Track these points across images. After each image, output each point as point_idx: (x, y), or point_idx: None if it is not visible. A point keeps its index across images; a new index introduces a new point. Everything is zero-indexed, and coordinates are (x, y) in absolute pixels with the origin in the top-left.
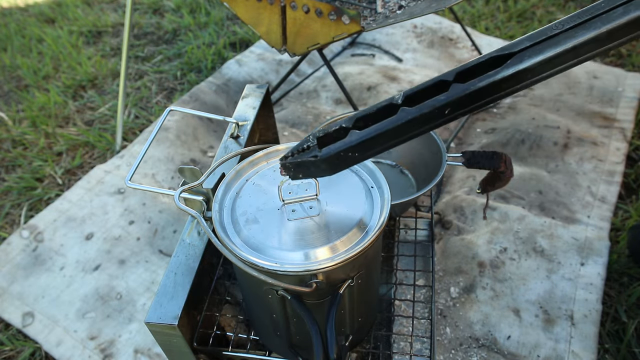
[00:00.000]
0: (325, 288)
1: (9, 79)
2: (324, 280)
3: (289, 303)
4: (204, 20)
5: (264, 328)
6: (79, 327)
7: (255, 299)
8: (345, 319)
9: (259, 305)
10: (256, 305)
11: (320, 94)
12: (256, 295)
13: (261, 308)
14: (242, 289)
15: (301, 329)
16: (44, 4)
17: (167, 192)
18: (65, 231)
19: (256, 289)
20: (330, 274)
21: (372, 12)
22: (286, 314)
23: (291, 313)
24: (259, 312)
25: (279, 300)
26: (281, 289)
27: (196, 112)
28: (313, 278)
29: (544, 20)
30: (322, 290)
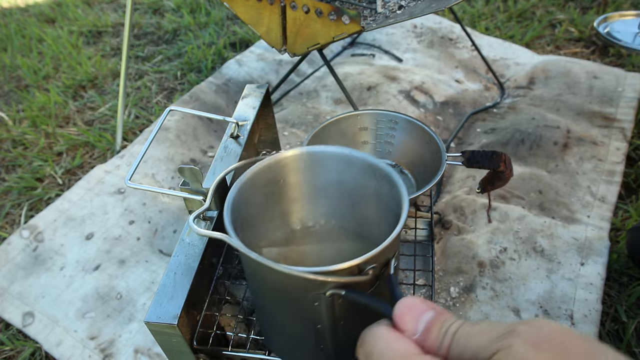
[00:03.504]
0: (377, 274)
1: (9, 79)
2: (377, 265)
3: (339, 303)
4: (204, 20)
5: (304, 348)
6: (79, 327)
7: (293, 318)
8: None
9: (299, 321)
10: (295, 325)
11: (320, 94)
12: (295, 312)
13: (301, 324)
14: (271, 317)
15: (349, 330)
16: (44, 4)
17: (168, 192)
18: (66, 231)
19: (296, 303)
20: (380, 255)
21: (372, 12)
22: (334, 318)
23: (339, 314)
24: (298, 332)
25: (328, 304)
26: (332, 287)
27: (196, 112)
28: (368, 265)
29: (544, 20)
30: (373, 278)
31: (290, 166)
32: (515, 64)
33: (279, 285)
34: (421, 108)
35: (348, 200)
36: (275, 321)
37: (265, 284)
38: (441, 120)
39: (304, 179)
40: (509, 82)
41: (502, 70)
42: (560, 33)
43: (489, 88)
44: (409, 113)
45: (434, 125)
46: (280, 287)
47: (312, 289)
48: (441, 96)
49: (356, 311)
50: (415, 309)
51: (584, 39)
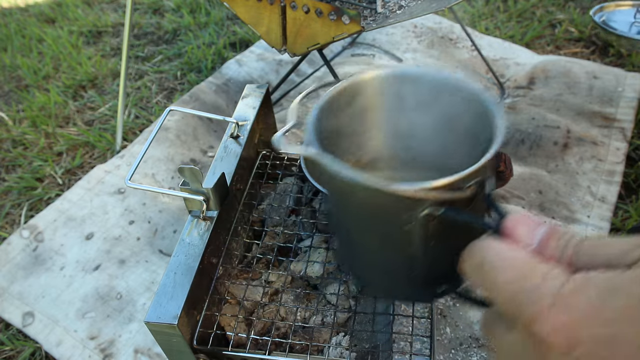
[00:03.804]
0: (475, 192)
1: (9, 79)
2: (476, 183)
3: (433, 224)
4: (204, 20)
5: (393, 278)
6: (79, 326)
7: (382, 245)
8: None
9: (389, 247)
10: (384, 252)
11: (321, 94)
12: (385, 237)
13: (391, 251)
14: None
15: (442, 253)
16: (44, 4)
17: (168, 192)
18: (66, 231)
19: (387, 227)
20: (480, 172)
21: (372, 12)
22: (427, 241)
23: (433, 236)
24: (387, 260)
25: (422, 225)
26: (428, 206)
27: (196, 112)
28: (467, 182)
29: (544, 20)
30: (471, 196)
31: (369, 89)
32: (515, 64)
33: (370, 208)
34: None
35: (430, 127)
36: (361, 251)
37: (353, 208)
38: None
39: (383, 104)
40: (509, 82)
41: (502, 70)
42: (560, 33)
43: (489, 88)
44: None
45: None
46: (372, 209)
47: (407, 209)
48: None
49: (450, 232)
50: (528, 222)
51: (584, 39)
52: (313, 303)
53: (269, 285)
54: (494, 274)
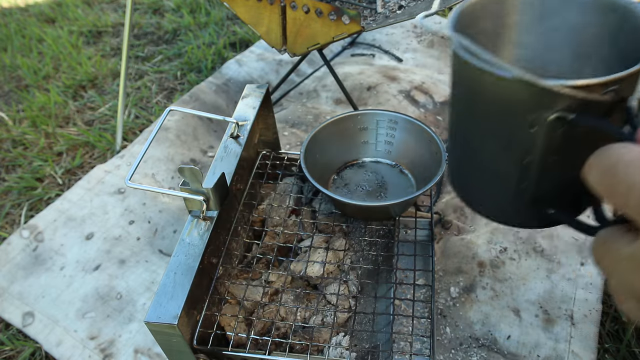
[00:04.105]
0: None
1: (9, 79)
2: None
3: (559, 132)
4: (204, 20)
5: (501, 187)
6: (79, 326)
7: (499, 147)
8: None
9: (505, 151)
10: (498, 156)
11: (320, 94)
12: (504, 139)
13: (507, 156)
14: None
15: (560, 167)
16: (44, 3)
17: (168, 192)
18: (66, 231)
19: (509, 127)
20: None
21: (372, 12)
22: (548, 150)
23: (556, 145)
24: (499, 166)
25: (548, 130)
26: (561, 109)
27: (196, 112)
28: (610, 87)
29: None
30: (610, 104)
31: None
32: None
33: (498, 103)
34: (421, 108)
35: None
36: (473, 153)
37: (479, 103)
38: (441, 120)
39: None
40: None
41: None
42: None
43: None
44: (409, 113)
45: (434, 125)
46: (499, 105)
47: (538, 108)
48: (441, 96)
49: (574, 144)
50: None
51: None
52: (313, 303)
53: (269, 285)
54: (633, 173)
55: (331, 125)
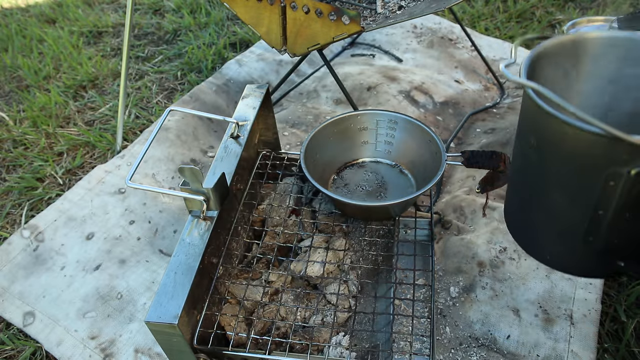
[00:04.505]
0: None
1: (10, 79)
2: None
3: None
4: (204, 21)
5: (568, 239)
6: (79, 326)
7: (572, 198)
8: None
9: (578, 203)
10: (569, 207)
11: (320, 94)
12: (580, 190)
13: (579, 207)
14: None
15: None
16: (44, 4)
17: (168, 192)
18: (66, 231)
19: (586, 179)
20: None
21: (372, 13)
22: (624, 205)
23: (632, 201)
24: (569, 217)
25: (626, 185)
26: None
27: (196, 112)
28: None
29: (544, 20)
30: None
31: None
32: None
33: (578, 156)
34: (421, 108)
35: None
36: (541, 202)
37: (558, 156)
38: (441, 121)
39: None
40: (508, 82)
41: None
42: (560, 33)
43: (489, 88)
44: (409, 113)
45: (434, 126)
46: (580, 158)
47: (618, 163)
48: (441, 96)
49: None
50: None
51: None
52: (313, 303)
53: (269, 285)
54: None
55: (331, 125)
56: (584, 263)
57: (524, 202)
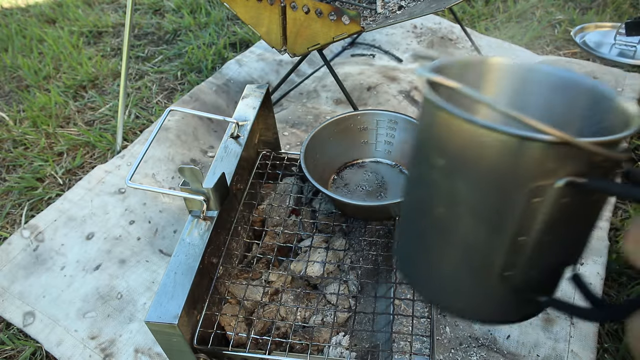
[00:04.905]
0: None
1: (10, 79)
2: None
3: (564, 203)
4: (204, 21)
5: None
6: (79, 326)
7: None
8: None
9: (495, 229)
10: (483, 236)
11: (320, 94)
12: (498, 213)
13: (495, 235)
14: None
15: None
16: (44, 4)
17: (168, 192)
18: (66, 231)
19: (507, 197)
20: None
21: (372, 13)
22: (549, 226)
23: (558, 220)
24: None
25: (552, 202)
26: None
27: (196, 112)
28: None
29: (544, 20)
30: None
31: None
32: None
33: (495, 168)
34: None
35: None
36: (444, 234)
37: (470, 169)
38: None
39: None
40: None
41: None
42: (559, 33)
43: None
44: (409, 113)
45: None
46: (498, 170)
47: (544, 174)
48: None
49: (577, 215)
50: None
51: None
52: (313, 303)
53: (269, 285)
54: None
55: (331, 125)
56: (501, 305)
57: (425, 239)
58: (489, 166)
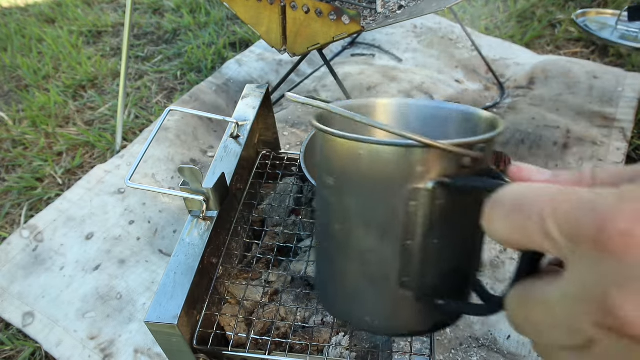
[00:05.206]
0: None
1: (9, 79)
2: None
3: (439, 205)
4: (204, 20)
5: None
6: (79, 326)
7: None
8: None
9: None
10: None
11: (321, 94)
12: (382, 219)
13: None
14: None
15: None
16: (44, 4)
17: (168, 192)
18: (66, 231)
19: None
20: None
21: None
22: (430, 227)
23: (437, 221)
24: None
25: (428, 203)
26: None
27: (196, 112)
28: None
29: (544, 20)
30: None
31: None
32: (515, 64)
33: (374, 178)
34: None
35: None
36: (353, 250)
37: (354, 182)
38: None
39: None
40: (509, 82)
41: (502, 70)
42: (560, 33)
43: (489, 88)
44: None
45: None
46: (376, 179)
47: (415, 177)
48: (441, 96)
49: (454, 217)
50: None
51: (584, 39)
52: (313, 303)
53: (269, 285)
54: (540, 205)
55: None
56: (408, 316)
57: (330, 260)
58: (367, 176)
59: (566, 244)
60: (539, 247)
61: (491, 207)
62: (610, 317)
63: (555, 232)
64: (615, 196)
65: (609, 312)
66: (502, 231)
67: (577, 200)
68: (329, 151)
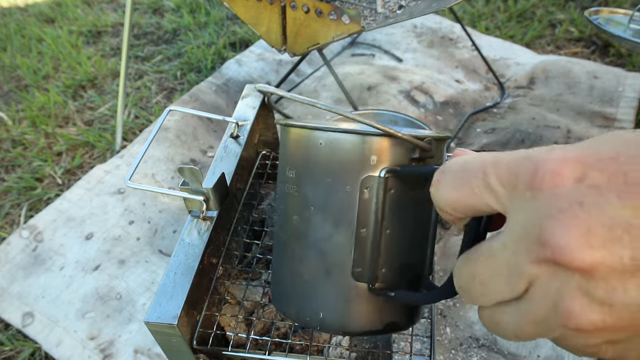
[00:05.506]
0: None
1: (9, 78)
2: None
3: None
4: (204, 20)
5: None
6: (78, 327)
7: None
8: None
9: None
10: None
11: (320, 94)
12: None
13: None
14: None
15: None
16: (43, 3)
17: (168, 192)
18: (65, 231)
19: (341, 189)
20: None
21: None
22: (383, 215)
23: (389, 209)
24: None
25: (380, 190)
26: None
27: (196, 112)
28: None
29: (544, 20)
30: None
31: None
32: (515, 64)
33: (331, 165)
34: (421, 108)
35: None
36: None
37: (313, 171)
38: (441, 120)
39: None
40: (509, 82)
41: (502, 70)
42: (560, 33)
43: (489, 88)
44: (409, 113)
45: (434, 125)
46: (333, 166)
47: (368, 166)
48: (441, 96)
49: (405, 206)
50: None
51: (584, 39)
52: None
53: (269, 285)
54: (483, 164)
55: None
56: (361, 311)
57: (286, 252)
58: (326, 165)
59: (505, 193)
60: (482, 203)
61: (439, 172)
62: (546, 249)
63: (496, 183)
64: (546, 149)
65: (545, 243)
66: (449, 194)
67: (514, 155)
68: (291, 145)
